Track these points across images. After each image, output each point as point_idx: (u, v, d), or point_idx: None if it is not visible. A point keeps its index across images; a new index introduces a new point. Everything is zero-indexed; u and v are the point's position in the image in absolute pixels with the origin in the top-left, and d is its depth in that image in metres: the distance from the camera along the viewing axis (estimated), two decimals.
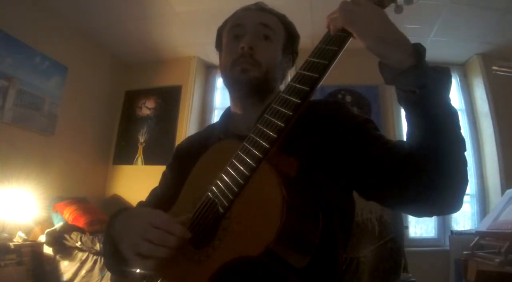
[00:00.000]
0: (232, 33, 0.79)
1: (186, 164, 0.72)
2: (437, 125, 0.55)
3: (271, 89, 0.78)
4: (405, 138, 0.60)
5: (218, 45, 0.85)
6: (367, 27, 0.56)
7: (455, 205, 0.57)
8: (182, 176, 0.71)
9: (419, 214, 0.65)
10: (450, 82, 0.57)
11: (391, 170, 0.59)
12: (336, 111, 0.73)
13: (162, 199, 0.80)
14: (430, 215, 0.64)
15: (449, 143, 0.55)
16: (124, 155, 3.37)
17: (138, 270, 0.60)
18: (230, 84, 0.78)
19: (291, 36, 0.82)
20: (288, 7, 0.87)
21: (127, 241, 0.57)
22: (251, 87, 0.74)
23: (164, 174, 0.87)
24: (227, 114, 0.85)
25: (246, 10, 0.82)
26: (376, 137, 0.66)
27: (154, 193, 0.86)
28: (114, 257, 0.63)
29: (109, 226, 0.66)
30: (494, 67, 2.97)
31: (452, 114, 0.56)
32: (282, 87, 0.71)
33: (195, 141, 0.87)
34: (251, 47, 0.73)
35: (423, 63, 0.55)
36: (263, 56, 0.74)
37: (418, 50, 0.56)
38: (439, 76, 0.56)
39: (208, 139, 0.79)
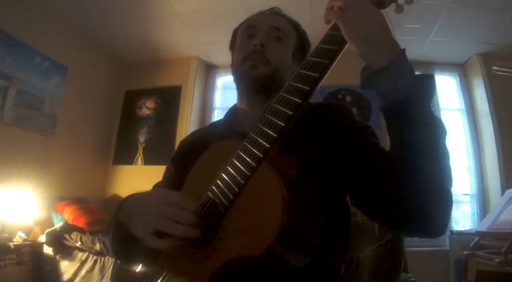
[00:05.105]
0: (245, 34, 0.81)
1: (188, 160, 0.73)
2: (411, 140, 0.54)
3: (278, 88, 0.78)
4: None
5: (232, 46, 0.87)
6: (359, 27, 0.54)
7: (439, 222, 0.54)
8: (184, 172, 0.71)
9: (403, 230, 0.64)
10: (432, 89, 0.54)
11: (377, 180, 0.58)
12: (338, 114, 0.73)
13: None
14: (415, 236, 0.60)
15: (427, 157, 0.53)
16: (124, 155, 3.37)
17: (149, 252, 0.59)
18: (239, 79, 0.79)
19: (302, 42, 0.84)
20: (288, 7, 0.87)
21: (140, 220, 0.57)
22: (259, 83, 0.75)
23: (168, 169, 0.88)
24: (232, 111, 0.86)
25: (261, 13, 0.84)
26: (370, 144, 0.66)
27: (157, 187, 0.86)
28: (122, 242, 0.64)
29: (118, 211, 0.66)
30: (494, 67, 2.97)
31: (430, 126, 0.54)
32: None
33: (199, 137, 0.88)
34: (263, 44, 0.75)
35: (397, 65, 0.53)
36: (273, 55, 0.75)
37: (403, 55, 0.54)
38: (419, 83, 0.54)
39: (211, 137, 0.79)
